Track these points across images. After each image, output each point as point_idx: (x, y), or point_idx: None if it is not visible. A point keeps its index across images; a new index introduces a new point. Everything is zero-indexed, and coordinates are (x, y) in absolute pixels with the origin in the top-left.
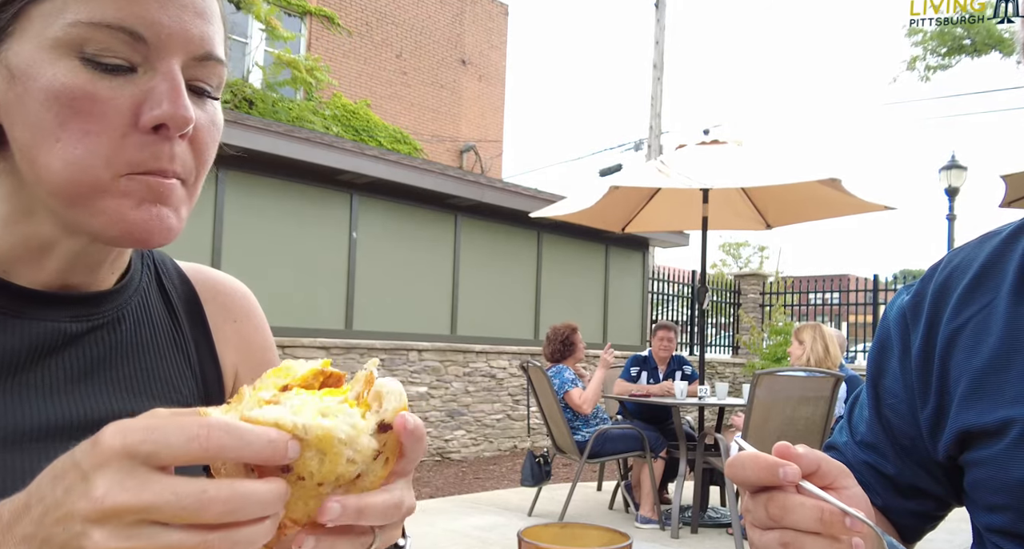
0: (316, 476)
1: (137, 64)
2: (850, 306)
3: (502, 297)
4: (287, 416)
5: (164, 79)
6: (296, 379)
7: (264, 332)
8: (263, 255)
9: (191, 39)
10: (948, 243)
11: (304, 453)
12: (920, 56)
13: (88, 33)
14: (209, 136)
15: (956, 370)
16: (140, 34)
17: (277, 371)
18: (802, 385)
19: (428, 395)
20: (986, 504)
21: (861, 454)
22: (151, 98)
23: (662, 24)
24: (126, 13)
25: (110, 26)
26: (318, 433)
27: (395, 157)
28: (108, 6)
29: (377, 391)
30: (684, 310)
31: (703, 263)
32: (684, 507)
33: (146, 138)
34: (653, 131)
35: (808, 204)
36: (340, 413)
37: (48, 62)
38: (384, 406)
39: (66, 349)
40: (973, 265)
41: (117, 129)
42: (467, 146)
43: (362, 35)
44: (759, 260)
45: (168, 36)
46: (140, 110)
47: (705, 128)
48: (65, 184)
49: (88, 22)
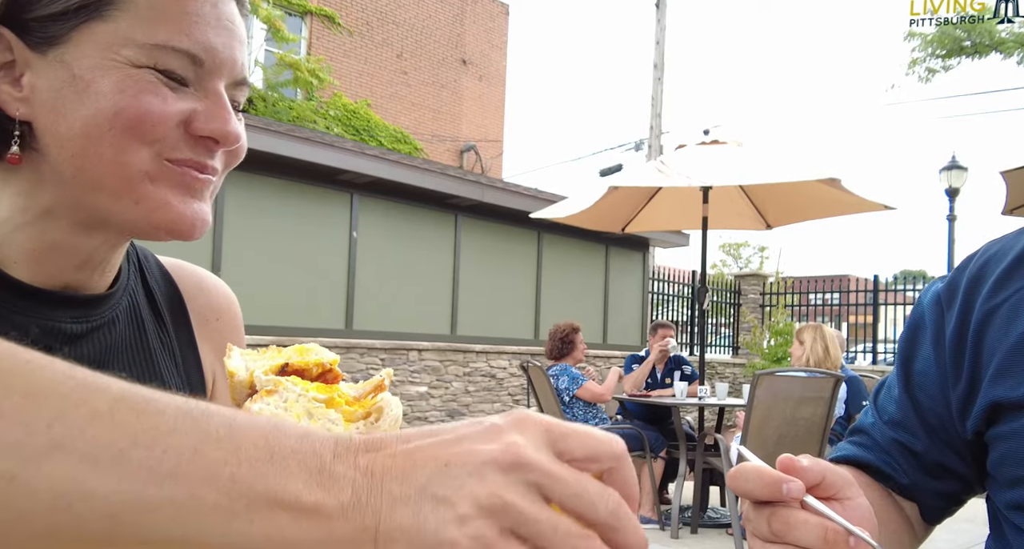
0: None
1: (190, 81)
2: (850, 307)
3: (502, 297)
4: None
5: (216, 99)
6: (299, 361)
7: (240, 332)
8: (263, 255)
9: (236, 64)
10: (948, 244)
11: None
12: (920, 58)
13: (159, 55)
14: (240, 149)
15: (989, 348)
16: (200, 58)
17: (298, 349)
18: (802, 385)
19: (428, 395)
20: (1010, 478)
21: (890, 433)
22: (203, 113)
23: (662, 24)
24: (192, 40)
25: (175, 49)
26: None
27: (395, 157)
28: (174, 30)
29: (380, 407)
30: (684, 310)
31: (703, 263)
32: (684, 507)
33: (190, 139)
34: (653, 131)
35: (808, 204)
36: (324, 418)
37: (117, 67)
38: (379, 424)
39: (64, 350)
40: (1010, 254)
41: (168, 128)
42: (467, 146)
43: (363, 35)
44: (759, 260)
45: (220, 61)
46: (191, 120)
47: (705, 128)
48: (114, 170)
49: (155, 44)
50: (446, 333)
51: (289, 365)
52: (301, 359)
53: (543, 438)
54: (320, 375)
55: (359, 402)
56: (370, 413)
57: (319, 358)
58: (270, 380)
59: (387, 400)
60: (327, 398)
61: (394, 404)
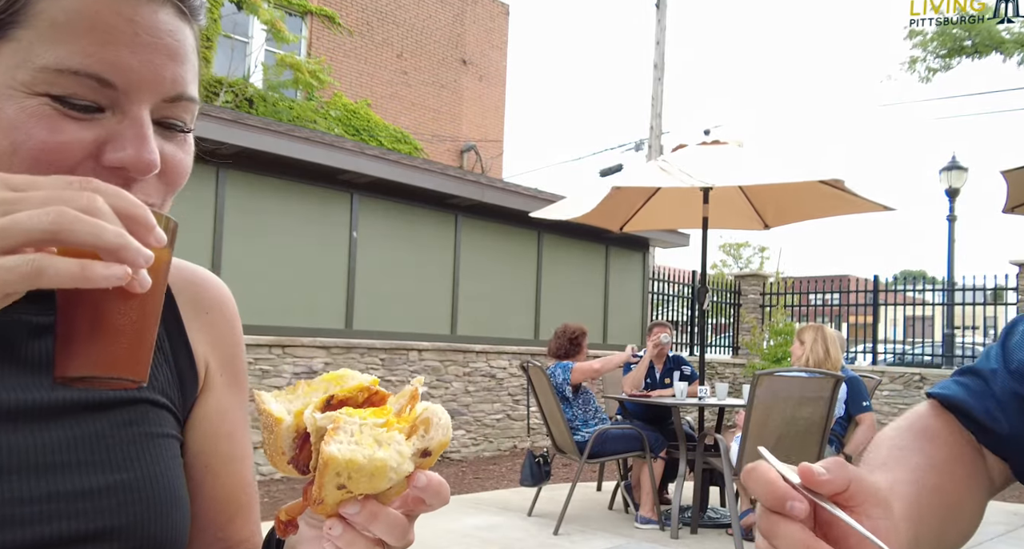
0: (359, 490)
1: (105, 106)
2: (850, 307)
3: (502, 297)
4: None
5: (132, 124)
6: (343, 391)
7: (235, 327)
8: (263, 255)
9: (161, 82)
10: (948, 244)
11: (356, 475)
12: (920, 57)
13: (55, 78)
14: (179, 167)
15: None
16: (108, 80)
17: (330, 377)
18: (802, 386)
19: (428, 395)
20: None
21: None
22: (116, 140)
23: (663, 24)
24: (95, 59)
25: (77, 72)
26: (377, 464)
27: (396, 157)
28: (76, 52)
29: (427, 418)
30: (684, 310)
31: (703, 263)
32: (684, 507)
33: (102, 171)
34: (654, 131)
35: (808, 204)
36: (391, 442)
37: (14, 97)
38: (431, 434)
39: (34, 341)
40: None
41: (71, 160)
42: (467, 146)
43: (363, 35)
44: (759, 261)
45: (139, 81)
46: (103, 149)
47: (706, 128)
48: None
49: (57, 68)
50: (446, 333)
51: (335, 397)
52: (344, 388)
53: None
54: (366, 400)
55: (401, 417)
56: (417, 426)
57: (359, 383)
58: (326, 417)
59: (432, 409)
60: (384, 421)
61: (439, 411)
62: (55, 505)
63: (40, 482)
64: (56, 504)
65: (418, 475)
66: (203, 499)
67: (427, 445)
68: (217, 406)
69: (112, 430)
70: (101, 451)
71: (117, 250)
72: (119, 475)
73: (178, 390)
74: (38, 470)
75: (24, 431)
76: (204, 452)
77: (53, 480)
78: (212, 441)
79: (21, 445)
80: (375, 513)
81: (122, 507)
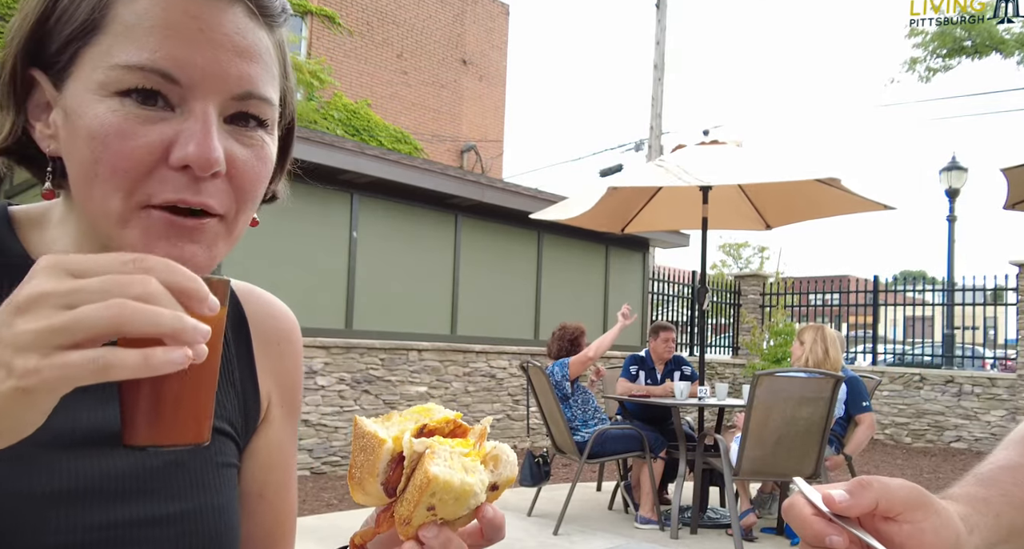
0: (443, 514)
1: (175, 104)
2: (850, 307)
3: (502, 297)
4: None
5: (196, 120)
6: (434, 421)
7: (299, 360)
8: (263, 255)
9: (226, 79)
10: (948, 244)
11: (447, 497)
12: (920, 57)
13: (126, 75)
14: (250, 173)
15: None
16: (173, 76)
17: (420, 410)
18: (802, 386)
19: (428, 395)
20: None
21: None
22: (182, 138)
23: (663, 25)
24: (160, 55)
25: (144, 68)
26: (466, 488)
27: (396, 157)
28: (145, 49)
29: (496, 455)
30: (684, 311)
31: (703, 263)
32: (684, 508)
33: (173, 174)
34: (654, 131)
35: (808, 204)
36: (476, 471)
37: (92, 102)
38: (500, 470)
39: None
40: None
41: (146, 165)
42: (467, 146)
43: (363, 35)
44: (759, 261)
45: (202, 77)
46: (170, 149)
47: (705, 129)
48: (99, 215)
49: (125, 65)
50: (446, 333)
51: (427, 427)
52: (434, 419)
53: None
54: (451, 431)
55: (475, 452)
56: (487, 461)
57: (446, 415)
58: (422, 443)
59: (500, 447)
60: (468, 451)
61: (507, 450)
62: (113, 532)
63: (101, 509)
64: (115, 531)
65: (486, 507)
66: (253, 526)
67: (496, 480)
68: (276, 438)
69: (178, 459)
70: (166, 480)
71: (176, 335)
72: (181, 505)
73: (242, 417)
74: (101, 497)
75: (91, 457)
76: (259, 481)
77: (114, 508)
78: (267, 471)
79: (86, 471)
80: (450, 539)
81: (181, 538)
